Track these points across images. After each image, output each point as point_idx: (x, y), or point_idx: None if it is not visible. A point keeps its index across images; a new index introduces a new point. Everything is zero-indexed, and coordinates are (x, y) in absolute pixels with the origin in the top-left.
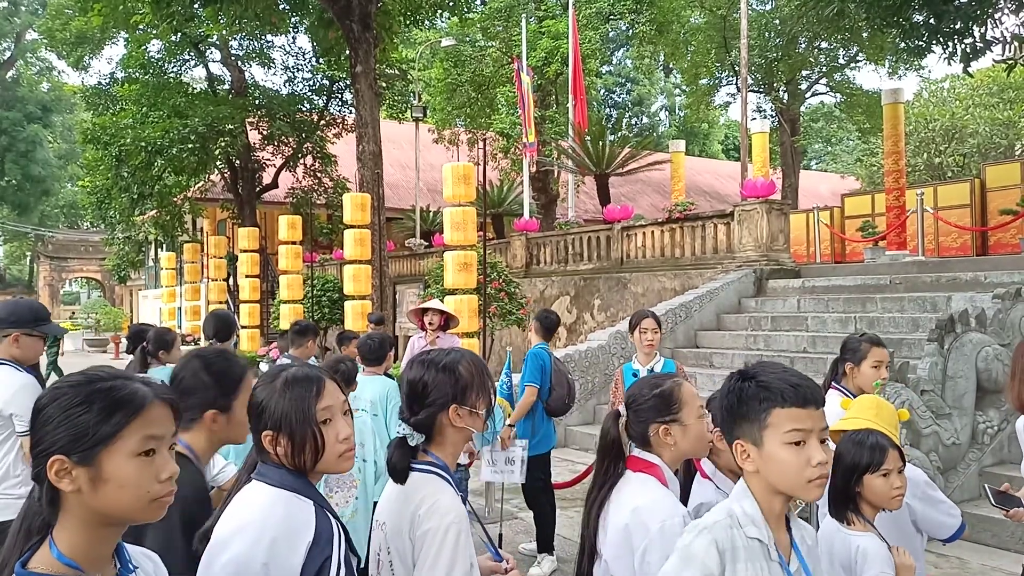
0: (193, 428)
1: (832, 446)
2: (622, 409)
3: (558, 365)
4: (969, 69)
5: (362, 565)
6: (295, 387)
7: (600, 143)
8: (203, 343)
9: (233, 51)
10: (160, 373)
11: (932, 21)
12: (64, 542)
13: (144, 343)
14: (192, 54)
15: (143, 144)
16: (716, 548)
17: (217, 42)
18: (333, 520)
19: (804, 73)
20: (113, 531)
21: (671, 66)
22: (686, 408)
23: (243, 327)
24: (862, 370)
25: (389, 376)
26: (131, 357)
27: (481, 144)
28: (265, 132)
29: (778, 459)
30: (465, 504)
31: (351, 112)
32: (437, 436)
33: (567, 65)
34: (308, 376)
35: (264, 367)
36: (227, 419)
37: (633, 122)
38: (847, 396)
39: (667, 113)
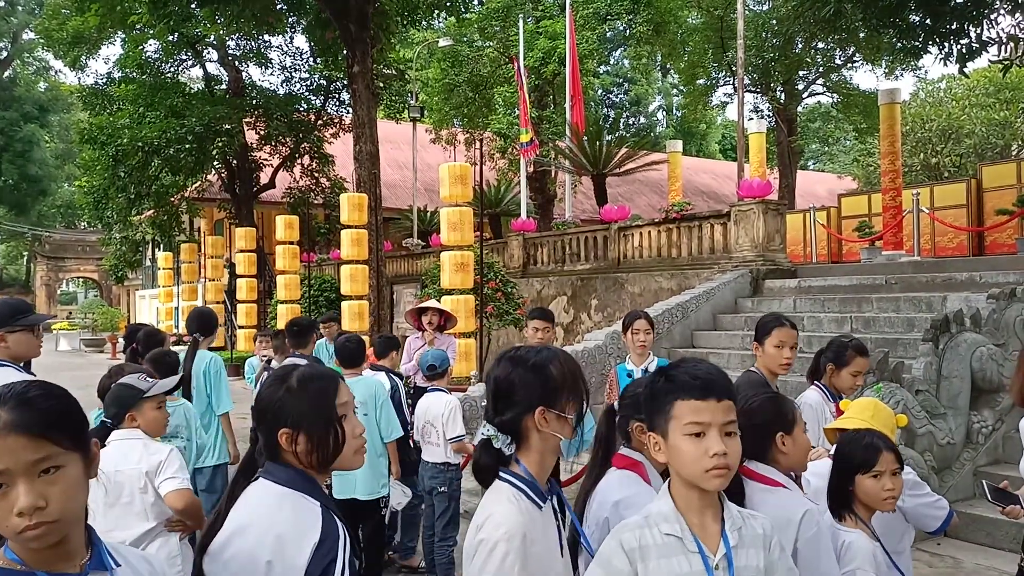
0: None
1: (828, 445)
2: (616, 406)
3: None
4: (965, 69)
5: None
6: (312, 384)
7: (597, 143)
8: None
9: (230, 51)
10: None
11: (928, 21)
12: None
13: (134, 343)
14: (189, 54)
15: (140, 144)
16: (623, 549)
17: (214, 42)
18: (339, 523)
19: (801, 73)
20: None
21: (668, 66)
22: None
23: (240, 327)
24: (842, 375)
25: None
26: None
27: (478, 144)
28: (262, 132)
29: (679, 450)
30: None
31: (348, 112)
32: (523, 441)
33: (564, 65)
34: (323, 373)
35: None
36: (762, 351)
37: (630, 122)
38: (826, 395)
39: (664, 113)
